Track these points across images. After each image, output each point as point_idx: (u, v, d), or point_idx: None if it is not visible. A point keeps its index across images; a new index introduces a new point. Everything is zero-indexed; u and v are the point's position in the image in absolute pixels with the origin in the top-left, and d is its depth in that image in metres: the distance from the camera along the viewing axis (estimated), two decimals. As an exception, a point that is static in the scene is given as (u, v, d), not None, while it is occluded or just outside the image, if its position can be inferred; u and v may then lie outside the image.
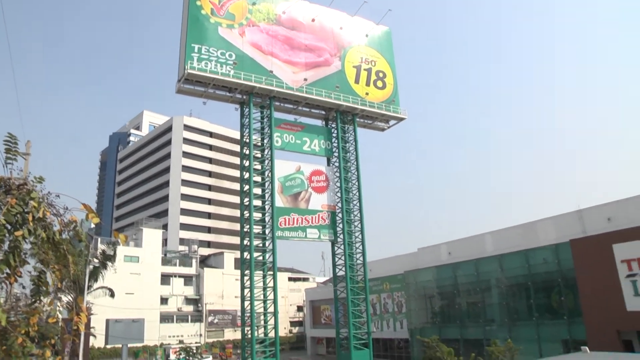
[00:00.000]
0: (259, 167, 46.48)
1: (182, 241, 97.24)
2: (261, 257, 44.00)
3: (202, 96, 46.11)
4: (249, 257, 43.06)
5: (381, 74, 54.36)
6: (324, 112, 51.64)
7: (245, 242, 44.17)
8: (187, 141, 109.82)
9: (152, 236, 79.93)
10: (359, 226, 49.23)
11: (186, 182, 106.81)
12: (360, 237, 49.06)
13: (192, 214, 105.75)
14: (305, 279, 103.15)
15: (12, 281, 6.34)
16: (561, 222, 45.97)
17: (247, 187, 45.12)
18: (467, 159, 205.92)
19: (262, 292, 43.23)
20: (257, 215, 44.91)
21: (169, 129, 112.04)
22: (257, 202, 45.35)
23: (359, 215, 49.42)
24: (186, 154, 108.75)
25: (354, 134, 51.64)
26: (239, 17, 47.53)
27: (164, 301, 79.82)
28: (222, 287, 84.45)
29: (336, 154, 50.25)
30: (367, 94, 52.23)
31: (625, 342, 37.51)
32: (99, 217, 6.47)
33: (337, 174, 49.63)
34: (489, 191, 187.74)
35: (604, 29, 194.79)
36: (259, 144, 47.24)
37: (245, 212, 45.01)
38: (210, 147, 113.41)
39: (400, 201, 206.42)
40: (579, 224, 44.20)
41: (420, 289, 58.19)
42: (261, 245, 44.30)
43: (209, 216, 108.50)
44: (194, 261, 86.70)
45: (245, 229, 44.52)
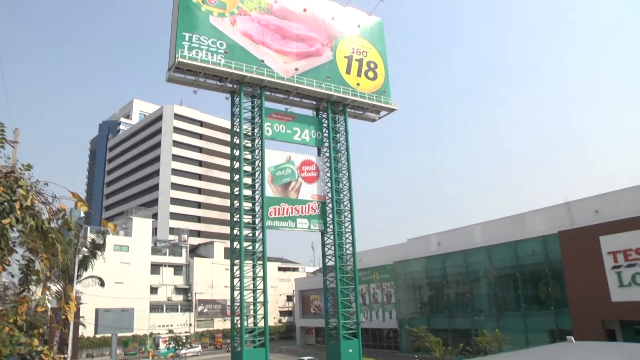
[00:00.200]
0: (249, 156, 46.42)
1: (172, 230, 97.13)
2: (251, 247, 44.07)
3: (193, 85, 45.92)
4: (238, 246, 43.11)
5: (372, 65, 54.32)
6: (314, 102, 51.59)
7: (235, 231, 44.20)
8: (177, 130, 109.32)
9: (142, 225, 79.74)
10: (349, 216, 49.37)
11: (176, 171, 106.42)
12: (350, 227, 49.23)
13: (182, 203, 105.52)
14: (295, 269, 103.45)
15: (0, 270, 6.31)
16: (550, 214, 46.38)
17: (237, 177, 45.06)
18: (458, 150, 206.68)
19: (251, 281, 43.31)
20: (247, 204, 44.92)
21: (159, 118, 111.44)
22: (247, 192, 45.33)
23: (349, 205, 49.55)
24: (176, 143, 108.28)
25: (344, 124, 51.65)
26: (230, 6, 47.21)
27: (154, 290, 79.83)
28: (212, 276, 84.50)
29: (327, 144, 50.27)
30: (358, 84, 52.21)
31: (608, 331, 38.16)
32: (88, 206, 6.41)
33: (328, 164, 49.68)
34: (479, 183, 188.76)
35: (600, 19, 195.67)
36: (250, 134, 47.16)
37: (235, 201, 44.98)
38: (200, 136, 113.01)
39: (390, 192, 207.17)
40: (567, 216, 44.62)
41: (409, 279, 58.57)
42: (251, 234, 44.35)
43: (199, 205, 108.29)
44: (184, 251, 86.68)
45: (235, 219, 44.52)
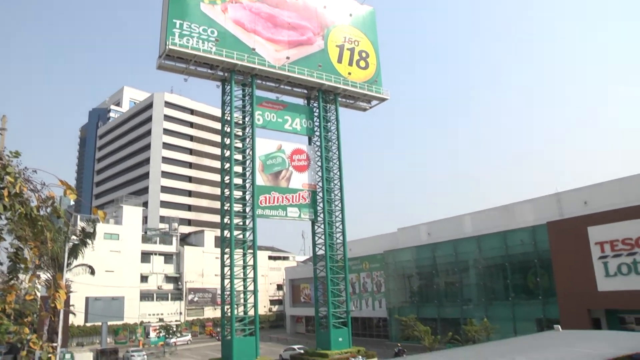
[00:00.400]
0: (240, 145, 46.32)
1: (163, 219, 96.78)
2: (241, 236, 44.13)
3: (184, 73, 45.64)
4: (229, 235, 43.14)
5: (364, 54, 54.21)
6: (306, 91, 51.48)
7: (225, 220, 44.19)
8: (168, 118, 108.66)
9: (132, 214, 79.46)
10: (339, 205, 49.48)
11: (167, 160, 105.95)
12: (340, 216, 49.36)
13: (173, 192, 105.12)
14: (285, 258, 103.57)
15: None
16: (539, 205, 46.72)
17: (227, 165, 45.00)
18: (447, 140, 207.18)
19: (242, 270, 43.41)
20: (237, 193, 44.88)
21: (149, 106, 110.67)
22: (238, 180, 45.27)
23: (340, 194, 49.65)
24: (167, 131, 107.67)
25: (335, 113, 51.63)
26: (222, -7, 46.84)
27: (144, 279, 79.71)
28: (202, 265, 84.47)
29: (317, 133, 50.26)
30: (349, 73, 52.12)
31: (594, 320, 38.70)
32: (78, 194, 6.36)
33: (318, 153, 49.69)
34: (469, 173, 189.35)
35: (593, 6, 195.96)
36: (240, 122, 47.01)
37: (225, 190, 44.93)
38: (191, 125, 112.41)
39: (381, 181, 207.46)
40: (556, 206, 44.97)
41: (399, 268, 58.89)
42: (241, 223, 44.37)
43: (189, 194, 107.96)
44: (174, 239, 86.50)
45: (225, 207, 44.48)
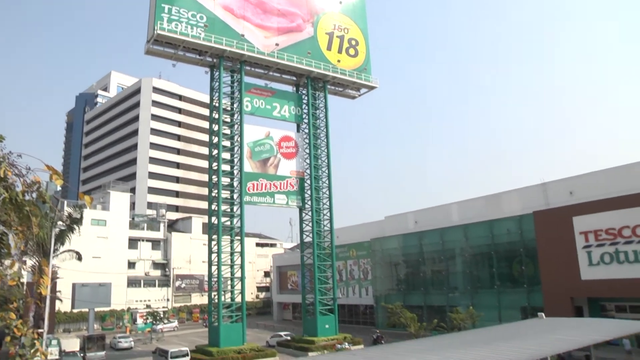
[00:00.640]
0: (228, 131, 46.12)
1: (150, 205, 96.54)
2: (229, 222, 44.08)
3: (172, 58, 45.24)
4: (216, 221, 43.10)
5: (354, 42, 54.02)
6: (294, 78, 51.30)
7: (213, 206, 44.13)
8: (156, 104, 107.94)
9: (119, 200, 79.05)
10: (327, 193, 49.54)
11: (155, 146, 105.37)
12: (328, 203, 49.44)
13: (161, 178, 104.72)
14: (272, 245, 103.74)
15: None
16: (526, 194, 47.10)
17: (215, 152, 44.83)
18: (437, 131, 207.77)
19: (229, 257, 43.42)
20: (225, 180, 44.78)
21: (137, 91, 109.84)
22: (226, 167, 45.15)
23: (327, 182, 49.68)
24: (155, 117, 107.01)
25: (324, 100, 51.52)
26: (211, -22, 46.36)
27: (131, 265, 79.56)
28: (190, 251, 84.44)
29: (306, 121, 50.16)
30: (338, 61, 51.95)
31: (577, 308, 39.29)
32: (64, 179, 6.30)
33: (307, 141, 49.64)
34: (458, 162, 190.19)
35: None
36: (229, 109, 46.79)
37: (213, 176, 44.81)
38: (179, 111, 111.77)
39: (368, 169, 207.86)
40: (542, 196, 45.37)
41: (386, 256, 59.22)
42: (229, 210, 44.31)
43: (177, 180, 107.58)
44: (162, 225, 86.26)
45: (213, 194, 44.40)
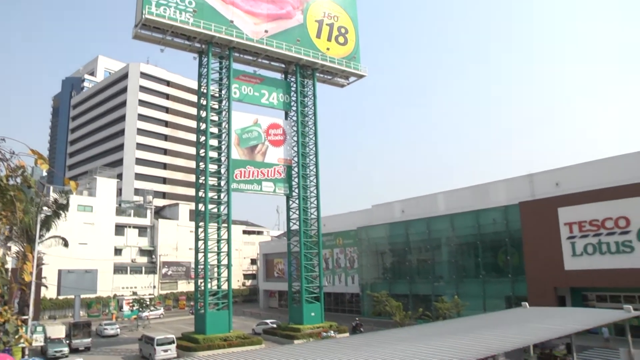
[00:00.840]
0: (216, 118, 45.79)
1: (137, 191, 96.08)
2: (216, 209, 43.92)
3: (160, 43, 44.73)
4: (203, 208, 42.93)
5: (343, 30, 53.76)
6: (283, 66, 50.99)
7: (200, 193, 43.92)
8: (143, 89, 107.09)
9: (106, 185, 78.48)
10: (315, 181, 49.48)
11: (142, 131, 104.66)
12: (315, 192, 49.40)
13: (148, 164, 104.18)
14: (259, 233, 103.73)
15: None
16: (512, 185, 47.35)
17: (203, 138, 44.51)
18: (425, 119, 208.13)
19: (216, 244, 43.31)
20: (212, 167, 44.52)
21: (124, 76, 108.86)
22: (214, 154, 44.86)
23: (315, 170, 49.61)
24: (142, 103, 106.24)
25: (313, 88, 51.31)
26: (200, -38, 45.80)
27: (118, 252, 79.18)
28: (177, 238, 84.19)
29: (294, 108, 49.95)
30: (328, 49, 51.71)
31: (560, 297, 39.75)
32: (50, 164, 6.12)
33: (295, 128, 49.47)
34: (445, 152, 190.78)
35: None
36: (217, 95, 46.43)
37: (201, 163, 44.54)
38: (167, 96, 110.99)
39: (356, 158, 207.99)
40: (528, 187, 45.63)
41: (372, 245, 59.41)
42: (216, 197, 44.12)
43: (164, 167, 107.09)
44: (149, 212, 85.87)
45: (200, 181, 44.16)
